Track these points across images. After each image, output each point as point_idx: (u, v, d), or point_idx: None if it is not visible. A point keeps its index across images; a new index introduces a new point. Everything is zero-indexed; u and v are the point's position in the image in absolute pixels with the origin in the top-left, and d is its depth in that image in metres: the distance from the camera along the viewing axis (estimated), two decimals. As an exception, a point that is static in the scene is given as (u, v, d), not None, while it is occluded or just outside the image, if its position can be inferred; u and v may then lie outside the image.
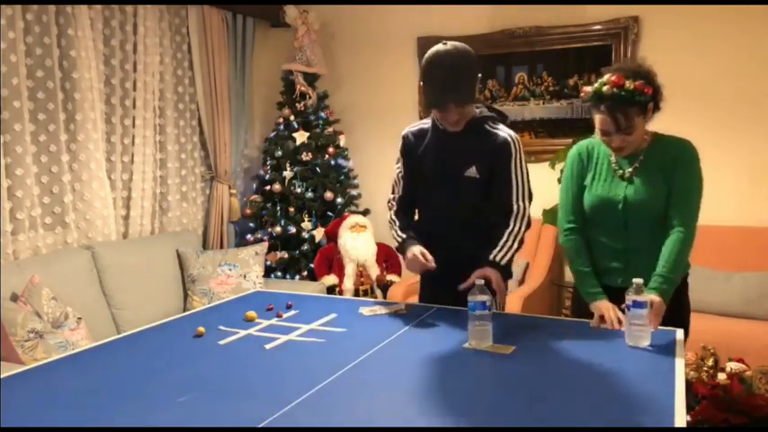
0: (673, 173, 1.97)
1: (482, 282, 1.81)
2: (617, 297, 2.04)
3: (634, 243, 2.01)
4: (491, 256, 2.08)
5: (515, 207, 2.12)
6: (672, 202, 1.97)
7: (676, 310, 1.96)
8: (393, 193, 2.35)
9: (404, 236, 2.21)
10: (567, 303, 3.86)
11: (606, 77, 1.90)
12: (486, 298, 1.76)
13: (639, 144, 2.01)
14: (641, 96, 1.88)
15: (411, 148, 2.25)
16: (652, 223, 1.98)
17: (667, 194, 1.97)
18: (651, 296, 1.82)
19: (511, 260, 2.13)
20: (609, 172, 2.06)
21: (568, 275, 3.58)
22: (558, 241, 2.42)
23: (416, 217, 2.35)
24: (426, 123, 2.24)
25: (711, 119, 3.78)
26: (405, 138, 2.28)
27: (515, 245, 2.11)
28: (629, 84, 1.87)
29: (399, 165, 2.31)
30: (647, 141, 2.03)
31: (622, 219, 2.01)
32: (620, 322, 1.87)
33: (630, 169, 2.02)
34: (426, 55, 2.04)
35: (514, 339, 1.83)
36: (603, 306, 1.95)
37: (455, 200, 2.16)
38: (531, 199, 2.15)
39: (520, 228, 2.12)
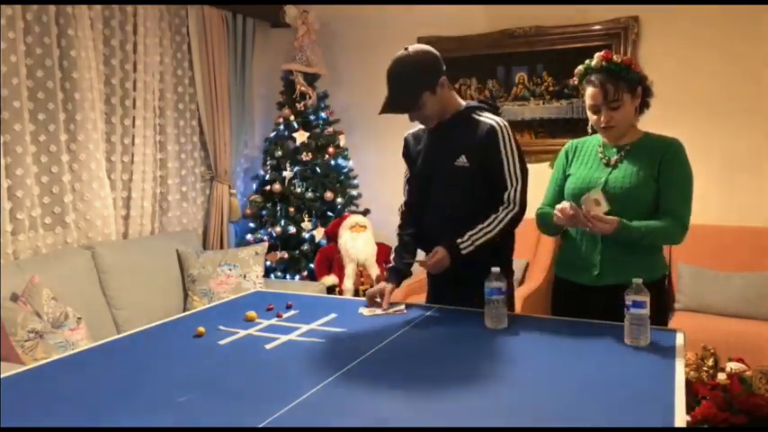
0: (662, 169, 1.98)
1: (498, 269, 1.91)
2: (587, 297, 2.06)
3: (607, 235, 1.93)
4: (457, 240, 2.06)
5: (509, 186, 2.10)
6: (663, 197, 1.98)
7: (657, 312, 1.91)
8: (404, 197, 2.39)
9: (391, 264, 2.27)
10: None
11: (596, 55, 2.01)
12: (501, 284, 1.91)
13: (627, 131, 2.03)
14: (629, 72, 1.97)
15: (410, 150, 2.30)
16: (630, 215, 1.94)
17: (651, 188, 1.98)
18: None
19: (478, 247, 2.07)
20: (595, 160, 2.09)
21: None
22: (557, 241, 2.42)
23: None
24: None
25: (712, 118, 3.78)
26: (405, 140, 2.33)
27: (487, 236, 2.07)
28: (616, 58, 1.98)
29: (406, 169, 2.35)
30: (636, 137, 2.06)
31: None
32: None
33: (616, 157, 2.05)
34: None
35: (514, 339, 1.84)
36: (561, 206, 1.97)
37: (449, 191, 2.16)
38: (524, 178, 2.12)
39: (502, 217, 2.08)
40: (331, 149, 4.33)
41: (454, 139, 2.15)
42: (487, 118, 2.14)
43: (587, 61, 2.03)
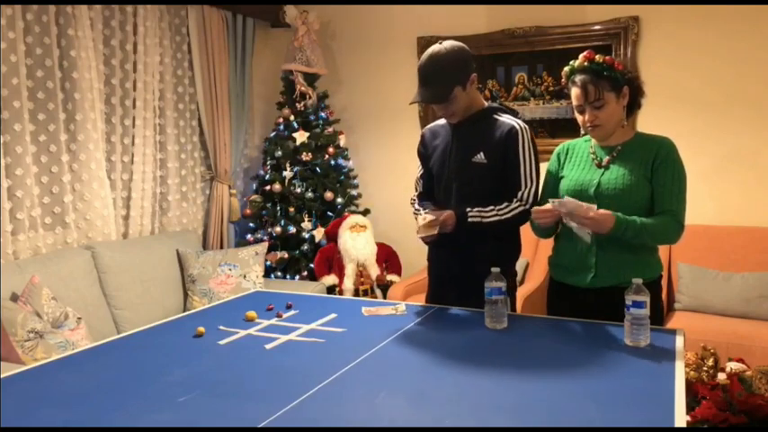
0: (655, 169, 1.98)
1: (498, 269, 1.93)
2: (583, 299, 2.05)
3: (603, 234, 1.94)
4: (467, 209, 2.10)
5: (523, 186, 2.14)
6: (657, 198, 1.97)
7: (654, 312, 1.90)
8: (415, 191, 2.43)
9: (419, 208, 2.28)
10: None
11: (580, 55, 2.02)
12: (501, 284, 1.92)
13: (615, 130, 2.03)
14: (611, 71, 1.97)
15: (426, 145, 2.35)
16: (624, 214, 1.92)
17: (645, 188, 1.97)
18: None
19: (482, 227, 2.10)
20: (587, 161, 2.09)
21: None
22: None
23: None
24: (444, 119, 2.32)
25: (712, 117, 3.78)
26: (422, 135, 2.40)
27: (495, 218, 2.10)
28: (598, 57, 1.99)
29: (420, 164, 2.40)
30: (627, 137, 2.05)
31: (593, 204, 1.97)
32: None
33: (608, 158, 2.04)
34: None
35: (514, 339, 1.84)
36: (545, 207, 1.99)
37: (463, 187, 2.18)
38: (538, 182, 2.17)
39: (514, 207, 2.12)
40: (331, 149, 4.33)
41: (474, 135, 2.18)
42: (508, 119, 2.19)
43: (572, 62, 2.05)
